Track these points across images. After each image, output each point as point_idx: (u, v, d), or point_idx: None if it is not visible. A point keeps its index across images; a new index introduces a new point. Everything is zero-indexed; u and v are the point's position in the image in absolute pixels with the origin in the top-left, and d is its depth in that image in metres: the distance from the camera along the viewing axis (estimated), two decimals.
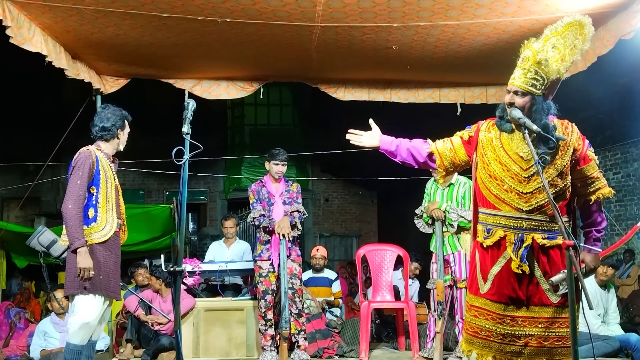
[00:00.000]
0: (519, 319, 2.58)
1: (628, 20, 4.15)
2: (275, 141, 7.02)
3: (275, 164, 4.87)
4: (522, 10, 4.12)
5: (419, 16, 4.18)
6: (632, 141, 8.60)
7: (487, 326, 2.61)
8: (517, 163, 2.60)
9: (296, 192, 4.92)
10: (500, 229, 2.61)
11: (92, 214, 3.43)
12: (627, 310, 7.27)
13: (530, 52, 2.56)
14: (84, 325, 3.37)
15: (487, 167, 2.67)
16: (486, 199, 2.67)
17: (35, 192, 11.12)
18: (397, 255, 5.64)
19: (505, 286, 2.58)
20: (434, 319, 4.67)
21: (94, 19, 4.25)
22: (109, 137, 3.61)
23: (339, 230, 13.53)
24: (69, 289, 3.41)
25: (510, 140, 2.64)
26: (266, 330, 4.80)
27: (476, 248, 2.73)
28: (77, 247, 3.31)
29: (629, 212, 8.95)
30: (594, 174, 2.69)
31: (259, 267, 4.83)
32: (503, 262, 2.60)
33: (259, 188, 4.92)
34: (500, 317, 2.59)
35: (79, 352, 3.38)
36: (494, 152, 2.66)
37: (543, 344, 2.57)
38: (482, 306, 2.65)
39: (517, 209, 2.58)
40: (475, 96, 6.03)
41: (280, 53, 5.07)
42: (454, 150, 2.79)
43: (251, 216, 4.83)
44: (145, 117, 10.44)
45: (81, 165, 3.40)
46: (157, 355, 5.03)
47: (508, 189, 2.59)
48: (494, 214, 2.64)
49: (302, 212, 4.84)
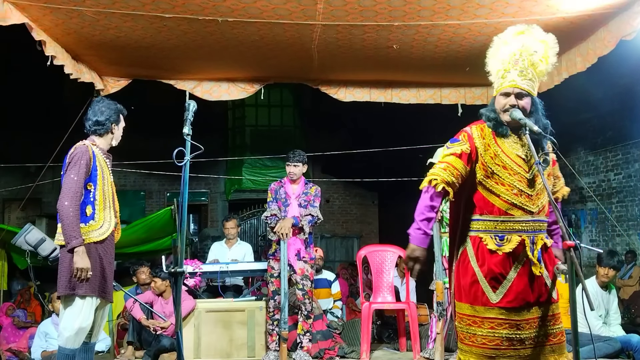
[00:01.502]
0: (532, 320, 2.55)
1: (629, 21, 4.15)
2: (276, 142, 7.06)
3: (287, 165, 4.93)
4: (523, 10, 4.12)
5: (420, 15, 4.19)
6: (633, 142, 8.58)
7: (507, 335, 2.53)
8: (520, 166, 2.58)
9: (314, 196, 4.93)
10: (515, 234, 2.54)
11: (89, 211, 3.28)
12: (628, 311, 7.26)
13: (520, 53, 2.57)
14: (80, 330, 3.24)
15: (491, 175, 2.58)
16: (494, 205, 2.57)
17: (36, 194, 11.12)
18: (398, 256, 5.64)
19: (524, 291, 2.53)
20: (435, 319, 4.67)
21: (95, 21, 4.26)
22: (102, 131, 3.45)
23: (340, 231, 13.53)
24: (64, 290, 3.22)
25: (508, 143, 2.61)
26: (273, 330, 4.83)
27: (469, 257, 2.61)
28: (75, 247, 3.15)
29: (629, 213, 8.94)
30: (558, 174, 2.79)
31: (271, 267, 4.86)
32: (519, 266, 2.55)
33: (277, 187, 4.97)
34: (518, 323, 2.53)
35: (74, 355, 3.27)
36: (495, 158, 2.59)
37: (553, 341, 2.57)
38: (498, 316, 2.53)
39: (529, 212, 2.55)
40: (476, 97, 6.04)
41: (281, 53, 5.07)
42: (460, 174, 2.56)
43: (264, 214, 4.91)
44: (146, 119, 10.49)
45: (77, 160, 3.24)
46: (158, 356, 5.02)
47: (518, 192, 2.55)
48: (507, 220, 2.55)
49: (315, 216, 4.84)
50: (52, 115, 9.63)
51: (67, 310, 3.26)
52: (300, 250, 4.80)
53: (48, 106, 11.24)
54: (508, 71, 2.59)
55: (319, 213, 4.88)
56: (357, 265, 5.73)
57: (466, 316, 2.60)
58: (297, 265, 4.80)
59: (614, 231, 9.04)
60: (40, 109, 11.45)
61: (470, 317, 2.59)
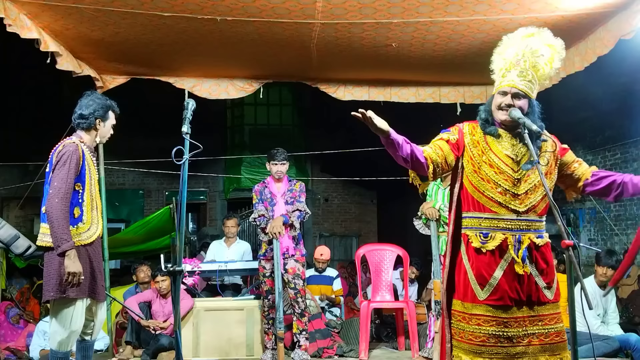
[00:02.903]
0: (521, 319, 2.58)
1: (628, 20, 4.14)
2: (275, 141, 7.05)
3: (273, 164, 4.92)
4: (521, 7, 4.12)
5: (419, 12, 4.18)
6: (632, 141, 8.57)
7: (494, 332, 2.56)
8: (508, 165, 2.61)
9: (299, 191, 4.92)
10: (499, 232, 2.59)
11: (77, 213, 3.19)
12: (626, 310, 7.25)
13: (523, 54, 2.59)
14: (72, 333, 3.19)
15: (478, 171, 2.63)
16: (479, 202, 2.62)
17: (35, 192, 11.03)
18: (396, 255, 5.64)
19: (510, 289, 2.57)
20: (433, 318, 4.67)
21: (93, 18, 4.25)
22: (85, 126, 3.31)
23: (339, 230, 13.53)
24: (54, 293, 3.10)
25: (498, 142, 2.64)
26: (269, 329, 4.84)
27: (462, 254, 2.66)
28: (65, 250, 3.03)
29: (628, 212, 8.94)
30: (576, 158, 2.75)
31: (262, 267, 4.84)
32: (505, 265, 2.58)
33: (261, 189, 4.96)
34: (505, 321, 2.57)
35: (67, 358, 3.22)
36: (482, 155, 2.64)
37: (544, 341, 2.58)
38: (485, 313, 2.58)
39: (514, 211, 2.58)
40: (475, 96, 6.03)
41: (280, 52, 5.07)
42: (444, 156, 2.65)
43: (252, 216, 4.91)
44: (145, 117, 10.49)
45: (67, 159, 3.14)
46: (156, 355, 5.03)
47: (503, 191, 2.59)
48: (491, 217, 2.61)
49: (303, 211, 4.84)
50: (51, 114, 9.61)
51: (58, 314, 3.19)
52: (289, 248, 4.78)
53: (47, 104, 11.22)
54: (509, 70, 2.62)
55: (307, 207, 4.89)
56: (356, 264, 5.73)
57: (457, 312, 2.66)
58: (288, 264, 4.79)
59: (613, 230, 9.04)
60: (39, 107, 11.43)
61: (460, 314, 2.64)
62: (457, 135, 2.70)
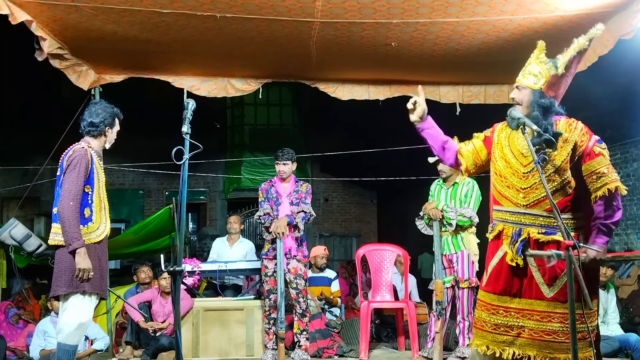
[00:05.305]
0: (512, 310, 2.66)
1: (628, 20, 4.15)
2: (274, 141, 7.08)
3: (276, 163, 4.94)
4: (521, 8, 4.12)
5: (418, 12, 4.18)
6: (632, 141, 8.56)
7: (483, 317, 2.72)
8: (518, 159, 2.70)
9: (305, 193, 4.91)
10: (500, 223, 2.73)
11: (87, 213, 3.40)
12: (626, 311, 7.25)
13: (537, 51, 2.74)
14: (80, 325, 3.36)
15: (495, 165, 2.80)
16: (494, 195, 2.81)
17: (35, 192, 11.08)
18: (396, 255, 5.64)
19: (501, 278, 2.69)
20: (434, 319, 4.66)
21: (92, 16, 4.25)
22: (95, 133, 3.54)
23: (339, 230, 13.53)
24: (66, 288, 3.32)
25: (516, 138, 2.75)
26: (270, 329, 4.84)
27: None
28: (77, 248, 3.25)
29: (628, 212, 8.93)
30: (601, 169, 2.65)
31: (265, 267, 4.85)
32: (500, 254, 2.71)
33: (268, 187, 4.97)
34: (494, 308, 2.70)
35: (74, 352, 3.38)
36: (501, 151, 2.78)
37: (534, 336, 2.63)
38: (481, 298, 2.77)
39: (516, 204, 2.68)
40: (474, 96, 6.03)
41: (280, 50, 5.06)
42: (476, 152, 2.89)
43: (257, 214, 4.93)
44: (145, 117, 10.48)
45: (77, 163, 3.35)
46: (156, 355, 5.02)
47: (509, 185, 2.70)
48: (498, 209, 2.77)
49: (308, 213, 4.84)
50: (51, 114, 9.61)
51: (68, 307, 3.36)
52: (291, 248, 4.78)
53: (46, 104, 11.22)
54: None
55: (312, 210, 4.89)
56: (356, 264, 5.72)
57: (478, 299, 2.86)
58: (290, 264, 4.79)
59: None
60: (38, 107, 11.43)
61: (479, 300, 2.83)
62: (490, 132, 2.89)
